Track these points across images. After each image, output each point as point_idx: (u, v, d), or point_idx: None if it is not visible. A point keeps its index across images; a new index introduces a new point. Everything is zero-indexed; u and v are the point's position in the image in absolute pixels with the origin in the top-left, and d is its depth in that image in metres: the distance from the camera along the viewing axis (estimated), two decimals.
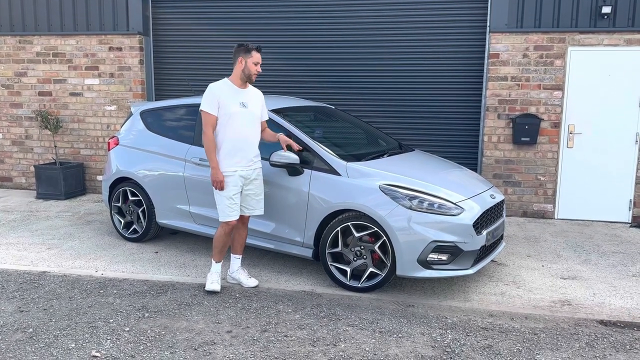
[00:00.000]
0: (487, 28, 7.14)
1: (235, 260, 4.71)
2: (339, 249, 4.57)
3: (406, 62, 7.53)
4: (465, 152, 7.50)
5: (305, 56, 7.80)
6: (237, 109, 4.39)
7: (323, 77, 7.79)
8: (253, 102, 4.50)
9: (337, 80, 7.75)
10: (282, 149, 4.61)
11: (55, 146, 8.29)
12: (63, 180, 7.94)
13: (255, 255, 5.43)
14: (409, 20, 7.46)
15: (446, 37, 7.38)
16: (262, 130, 4.68)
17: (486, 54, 7.17)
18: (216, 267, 4.59)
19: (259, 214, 4.66)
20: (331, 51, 7.72)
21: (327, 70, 7.77)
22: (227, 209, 4.43)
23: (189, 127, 5.54)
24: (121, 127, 6.24)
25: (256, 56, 4.42)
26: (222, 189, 4.39)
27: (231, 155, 4.40)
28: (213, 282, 4.53)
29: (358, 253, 4.50)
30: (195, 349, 3.55)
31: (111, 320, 3.96)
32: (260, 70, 4.48)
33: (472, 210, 4.43)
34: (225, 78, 4.50)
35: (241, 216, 4.59)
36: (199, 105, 5.52)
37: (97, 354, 3.47)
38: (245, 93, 4.48)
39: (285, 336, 3.75)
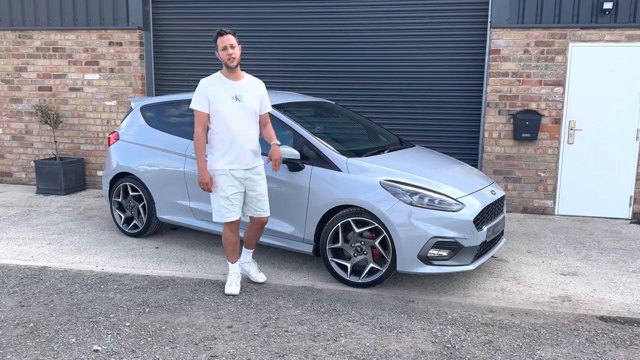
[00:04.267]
0: (488, 24, 7.12)
1: (247, 252, 4.62)
2: (339, 244, 4.57)
3: (407, 57, 7.52)
4: (465, 148, 7.49)
5: (305, 51, 7.78)
6: (229, 103, 4.16)
7: (323, 72, 7.77)
8: (249, 95, 4.24)
9: (338, 77, 7.73)
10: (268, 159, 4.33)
11: (55, 141, 8.28)
12: (63, 175, 7.94)
13: (255, 251, 5.42)
14: (409, 16, 7.44)
15: (447, 32, 7.36)
16: (264, 126, 4.41)
17: (487, 50, 7.16)
18: (234, 269, 4.48)
19: (266, 216, 4.45)
20: (331, 47, 7.70)
21: (327, 66, 7.75)
22: (223, 209, 4.26)
23: (189, 122, 5.51)
24: (121, 122, 6.23)
25: (220, 41, 4.12)
26: (209, 190, 4.23)
27: (225, 153, 4.19)
28: (232, 285, 4.40)
29: (358, 249, 4.50)
30: (196, 344, 3.55)
31: (112, 315, 3.97)
32: (232, 52, 4.10)
33: (473, 206, 4.43)
34: (218, 71, 4.30)
35: (258, 218, 4.42)
36: None
37: (98, 349, 3.48)
38: (239, 85, 4.23)
39: (286, 331, 3.76)
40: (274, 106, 4.99)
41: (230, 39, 4.14)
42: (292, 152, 4.63)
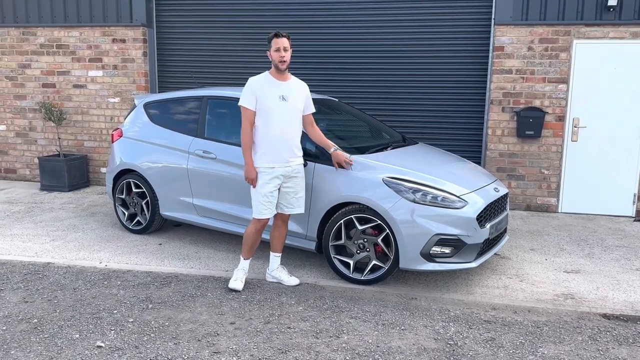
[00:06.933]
0: (492, 20, 7.10)
1: (275, 258, 4.60)
2: (342, 241, 4.57)
3: (410, 54, 7.50)
4: (469, 145, 7.48)
5: (307, 48, 7.77)
6: (275, 103, 4.24)
7: (326, 69, 7.77)
8: (294, 95, 4.34)
9: (341, 74, 7.73)
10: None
11: (59, 138, 8.30)
12: (67, 172, 7.97)
13: (258, 248, 5.43)
14: (413, 13, 7.42)
15: (451, 29, 7.34)
16: (310, 125, 4.53)
17: (491, 47, 7.14)
18: (243, 264, 4.49)
19: (300, 213, 4.51)
20: (335, 45, 7.70)
21: (330, 63, 7.74)
22: (261, 206, 4.30)
23: (193, 120, 5.54)
24: (125, 119, 6.24)
25: (275, 42, 4.22)
26: (255, 186, 4.28)
27: (270, 151, 4.26)
28: (237, 280, 4.41)
29: (361, 246, 4.50)
30: (199, 340, 3.57)
31: (115, 311, 3.98)
32: (284, 55, 4.22)
33: (476, 204, 4.42)
34: (267, 71, 4.38)
35: (281, 214, 4.48)
36: (202, 97, 5.57)
37: (102, 345, 3.49)
38: (286, 85, 4.34)
39: (288, 328, 3.76)
40: None
41: (284, 42, 4.27)
42: None
